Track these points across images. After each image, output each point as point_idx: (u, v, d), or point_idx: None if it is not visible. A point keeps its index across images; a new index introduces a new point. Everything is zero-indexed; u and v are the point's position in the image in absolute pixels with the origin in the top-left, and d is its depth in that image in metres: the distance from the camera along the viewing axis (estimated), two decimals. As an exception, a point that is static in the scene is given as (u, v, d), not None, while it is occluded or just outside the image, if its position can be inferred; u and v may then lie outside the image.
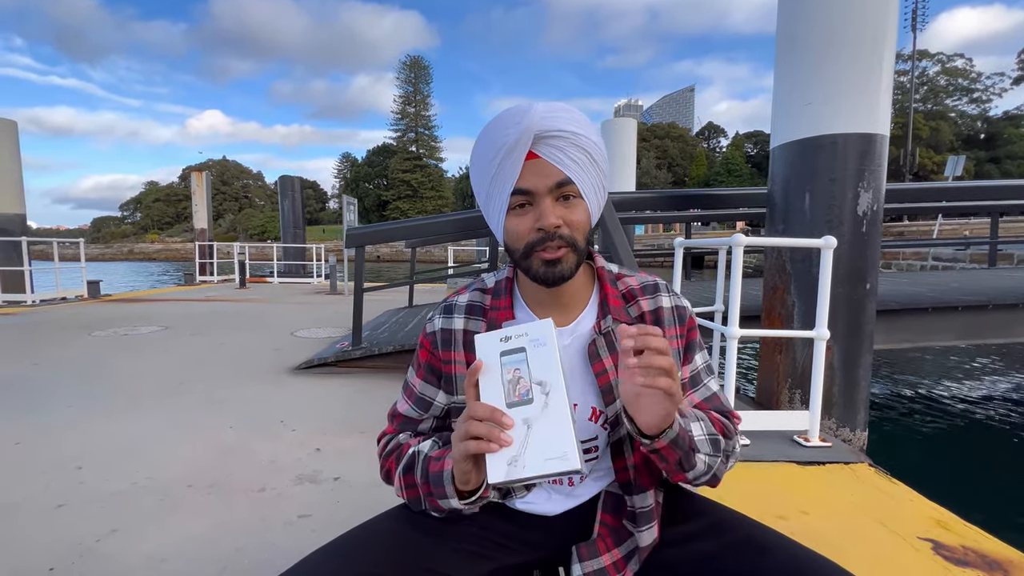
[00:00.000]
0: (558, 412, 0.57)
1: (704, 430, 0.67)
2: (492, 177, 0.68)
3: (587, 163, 0.67)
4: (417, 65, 73.42)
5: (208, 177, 13.73)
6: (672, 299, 0.76)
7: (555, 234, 0.66)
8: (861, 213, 2.34)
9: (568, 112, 0.67)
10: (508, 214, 0.68)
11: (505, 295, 0.76)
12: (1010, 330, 3.63)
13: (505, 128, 0.65)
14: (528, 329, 0.59)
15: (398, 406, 0.81)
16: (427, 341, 0.78)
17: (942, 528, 1.49)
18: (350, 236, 3.55)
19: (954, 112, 48.36)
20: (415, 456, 0.71)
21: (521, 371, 0.58)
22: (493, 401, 0.58)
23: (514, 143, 0.64)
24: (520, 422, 0.57)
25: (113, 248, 62.57)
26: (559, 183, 0.66)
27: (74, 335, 4.73)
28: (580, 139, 0.66)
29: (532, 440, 0.56)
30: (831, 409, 2.42)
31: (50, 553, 1.37)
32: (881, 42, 2.27)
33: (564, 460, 0.55)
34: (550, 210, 0.65)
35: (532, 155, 0.65)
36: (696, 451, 0.64)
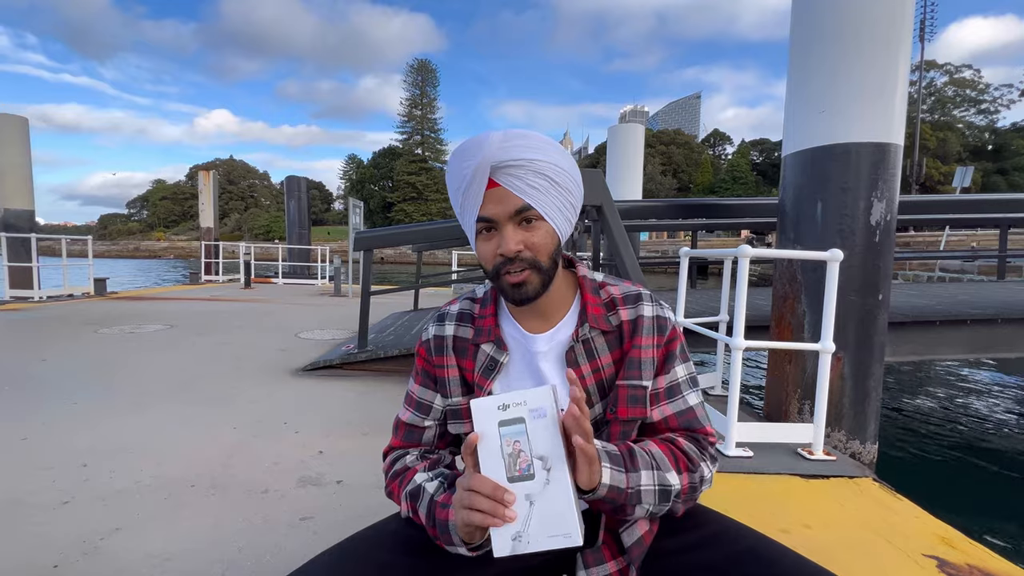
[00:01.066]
0: (560, 488, 0.57)
1: (655, 480, 0.67)
2: (460, 205, 0.72)
3: (548, 187, 0.69)
4: (424, 68, 73.85)
5: (215, 176, 13.83)
6: (654, 309, 0.77)
7: (516, 258, 0.69)
8: (874, 223, 2.32)
9: (524, 139, 0.69)
10: (477, 238, 0.72)
11: (490, 303, 0.80)
12: (1020, 344, 3.60)
13: (464, 162, 0.69)
14: (527, 397, 0.59)
15: (400, 416, 0.83)
16: (422, 349, 0.83)
17: (947, 546, 1.48)
18: (358, 239, 3.57)
19: (961, 123, 48.20)
20: (420, 492, 0.72)
21: (521, 444, 0.58)
22: (494, 474, 0.58)
23: (472, 175, 0.68)
24: (522, 497, 0.58)
25: (119, 245, 63.04)
26: (518, 210, 0.68)
27: (81, 332, 4.76)
28: (538, 164, 0.68)
29: (535, 517, 0.57)
30: (841, 421, 2.40)
31: (55, 549, 1.38)
32: (896, 51, 2.27)
33: (568, 538, 0.56)
34: (510, 236, 0.69)
35: (493, 184, 0.68)
36: (633, 504, 0.65)
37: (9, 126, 8.39)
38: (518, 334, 0.77)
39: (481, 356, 0.77)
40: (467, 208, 0.71)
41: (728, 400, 2.07)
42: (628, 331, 0.76)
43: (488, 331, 0.77)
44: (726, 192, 54.75)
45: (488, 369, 0.76)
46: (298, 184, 12.88)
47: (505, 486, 0.58)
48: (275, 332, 4.97)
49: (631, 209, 3.87)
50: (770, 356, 2.72)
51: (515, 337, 0.77)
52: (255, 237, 60.27)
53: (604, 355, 0.75)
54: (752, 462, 2.00)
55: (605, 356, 0.75)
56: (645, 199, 10.14)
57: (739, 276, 2.06)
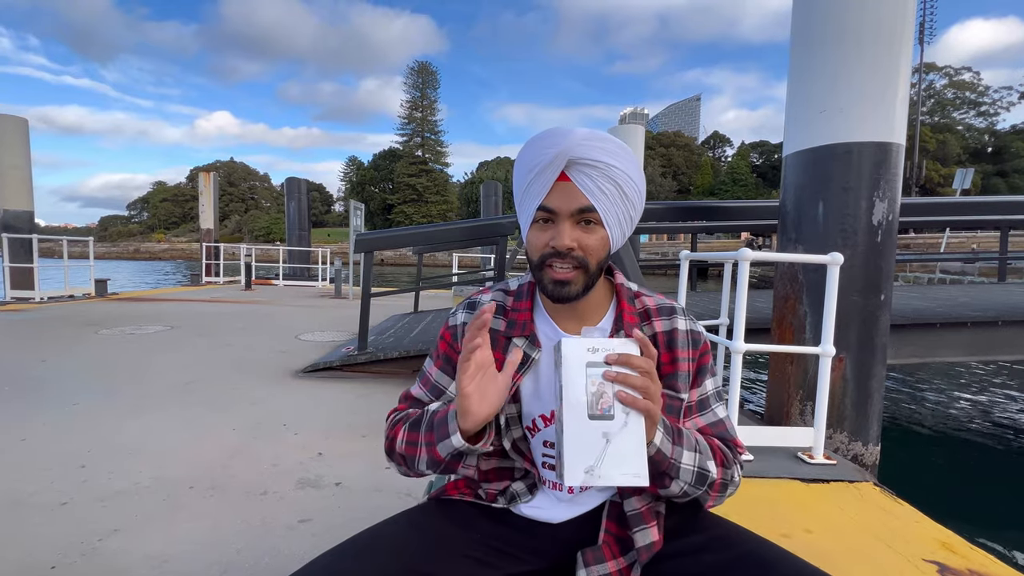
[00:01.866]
0: (636, 431, 0.60)
1: (695, 462, 0.69)
2: (524, 189, 0.73)
3: (615, 194, 0.70)
4: (425, 70, 74.01)
5: (216, 178, 13.85)
6: (688, 323, 0.79)
7: (567, 254, 0.69)
8: (876, 223, 2.31)
9: (606, 142, 0.69)
10: (532, 226, 0.73)
11: (527, 298, 0.80)
12: (1020, 347, 3.59)
13: (543, 148, 0.69)
14: (615, 345, 0.61)
15: (412, 390, 0.84)
16: (448, 334, 0.82)
17: (948, 551, 1.47)
18: (359, 242, 3.57)
19: (961, 125, 48.26)
20: (424, 414, 0.75)
21: (606, 386, 0.60)
22: (576, 409, 0.60)
23: (547, 164, 0.68)
24: (599, 434, 0.60)
25: (120, 247, 63.13)
26: (581, 209, 0.69)
27: (82, 333, 4.76)
28: (612, 170, 0.69)
29: (609, 453, 0.59)
30: (843, 423, 2.38)
31: (53, 551, 1.38)
32: (897, 50, 2.26)
33: (637, 477, 0.59)
34: (567, 232, 0.69)
35: (564, 177, 0.69)
36: (672, 476, 0.67)
37: (9, 127, 8.40)
38: (552, 333, 0.77)
39: (511, 350, 0.76)
40: (531, 194, 0.71)
41: (728, 404, 2.07)
42: (662, 343, 0.77)
43: (523, 325, 0.77)
44: (726, 194, 54.79)
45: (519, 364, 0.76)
46: (298, 186, 12.90)
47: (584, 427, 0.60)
48: (275, 334, 4.97)
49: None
50: (771, 358, 2.71)
51: (549, 336, 0.77)
52: (255, 239, 60.32)
53: None
54: (752, 466, 2.00)
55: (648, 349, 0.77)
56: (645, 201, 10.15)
57: (739, 279, 2.06)
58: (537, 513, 0.77)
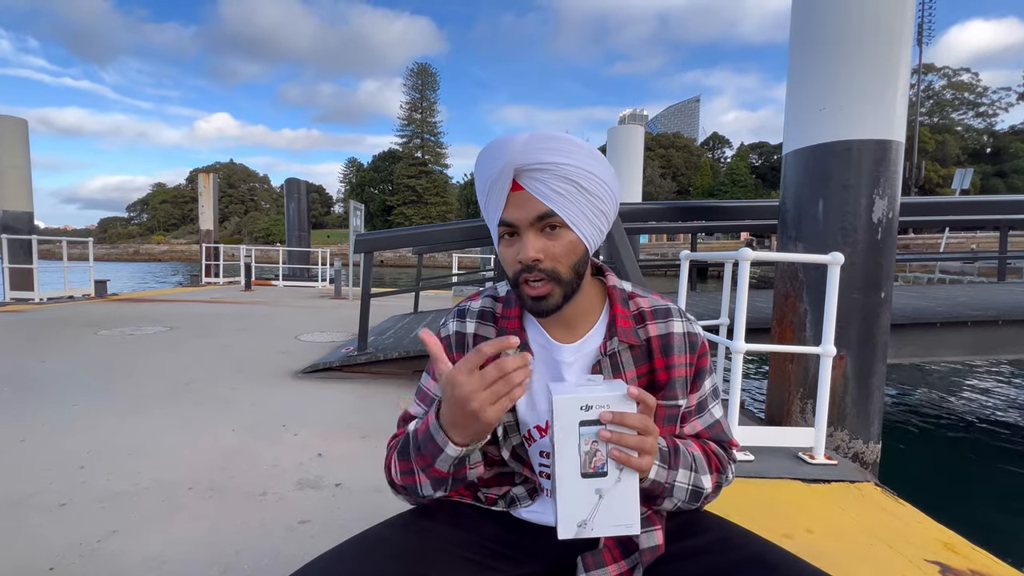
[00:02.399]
0: (629, 485, 0.61)
1: (690, 480, 0.69)
2: (484, 206, 0.71)
3: (574, 192, 0.66)
4: (424, 72, 74.07)
5: (215, 179, 13.85)
6: (685, 325, 0.77)
7: (534, 267, 0.67)
8: (876, 220, 2.31)
9: (551, 141, 0.65)
10: (500, 242, 0.71)
11: (515, 305, 0.77)
12: (1021, 346, 3.59)
13: (490, 162, 0.67)
14: (610, 401, 0.60)
15: (409, 409, 0.82)
16: (442, 344, 0.80)
17: (950, 551, 1.47)
18: (359, 242, 3.57)
19: (960, 126, 48.33)
20: (406, 437, 0.71)
21: (599, 444, 0.60)
22: (569, 467, 0.60)
23: (496, 177, 0.66)
24: (592, 491, 0.60)
25: (119, 248, 63.09)
26: (540, 216, 0.66)
27: (81, 334, 4.75)
28: (564, 169, 0.65)
29: (602, 508, 0.60)
30: (844, 420, 2.37)
31: (51, 552, 1.37)
32: (897, 48, 2.25)
33: (629, 528, 0.60)
34: (530, 243, 0.66)
35: (517, 187, 0.67)
36: (666, 497, 0.68)
37: (8, 128, 8.41)
38: (544, 340, 0.76)
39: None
40: (490, 210, 0.70)
41: (729, 404, 2.06)
42: (657, 347, 0.74)
43: (512, 334, 0.74)
44: (725, 195, 54.82)
45: None
46: (298, 187, 12.91)
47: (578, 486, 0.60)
48: (275, 334, 4.96)
49: (631, 211, 3.86)
50: (772, 356, 2.71)
51: (540, 343, 0.76)
52: (255, 240, 60.30)
53: (629, 369, 0.74)
54: (753, 466, 1.99)
55: (631, 371, 0.74)
56: (645, 201, 10.17)
57: (740, 279, 2.06)
58: (537, 517, 0.77)
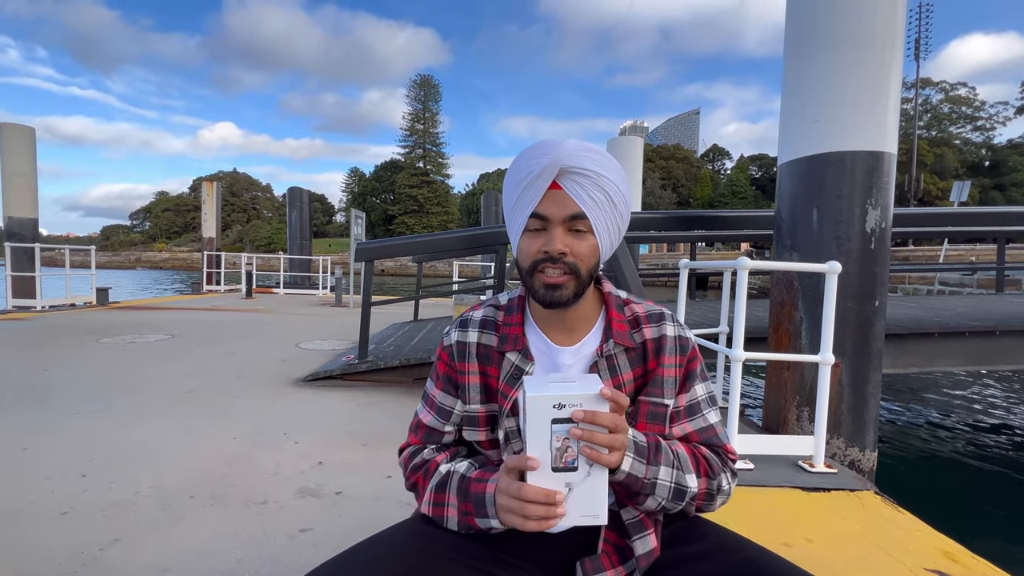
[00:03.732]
0: (599, 479, 0.62)
1: (672, 478, 0.70)
2: (517, 198, 0.74)
3: (605, 203, 0.72)
4: (427, 83, 74.80)
5: (219, 187, 13.92)
6: (676, 329, 0.80)
7: (559, 259, 0.71)
8: (869, 230, 2.34)
9: (596, 153, 0.72)
10: (524, 234, 0.74)
11: (517, 312, 0.81)
12: (1018, 357, 3.60)
13: (536, 157, 0.71)
14: (582, 399, 0.61)
15: (421, 417, 0.84)
16: (444, 354, 0.83)
17: (949, 560, 1.47)
18: (360, 251, 3.59)
19: (958, 139, 48.63)
20: (449, 476, 0.74)
21: (570, 441, 0.61)
22: (540, 461, 0.61)
23: (540, 172, 0.70)
24: (563, 485, 0.62)
25: (121, 256, 63.24)
26: (573, 215, 0.71)
27: (82, 341, 4.77)
28: (602, 180, 0.71)
29: (571, 500, 0.62)
30: (840, 428, 2.38)
31: (53, 561, 1.37)
32: (889, 60, 2.29)
33: (596, 518, 0.62)
34: (559, 237, 0.71)
35: (555, 186, 0.71)
36: (648, 495, 0.69)
37: (16, 135, 8.51)
38: (543, 345, 0.79)
39: (506, 364, 0.78)
40: (524, 202, 0.72)
41: (728, 412, 2.07)
42: (651, 349, 0.78)
43: (514, 339, 0.78)
44: (725, 206, 55.01)
45: (513, 378, 0.77)
46: (300, 196, 12.97)
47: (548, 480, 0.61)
48: (276, 342, 4.97)
49: (630, 221, 3.90)
50: (768, 364, 2.72)
51: (540, 348, 0.79)
52: (256, 248, 60.44)
53: (626, 371, 0.77)
54: (753, 474, 2.00)
55: (627, 372, 0.77)
56: (644, 211, 10.22)
57: (738, 288, 2.08)
58: None
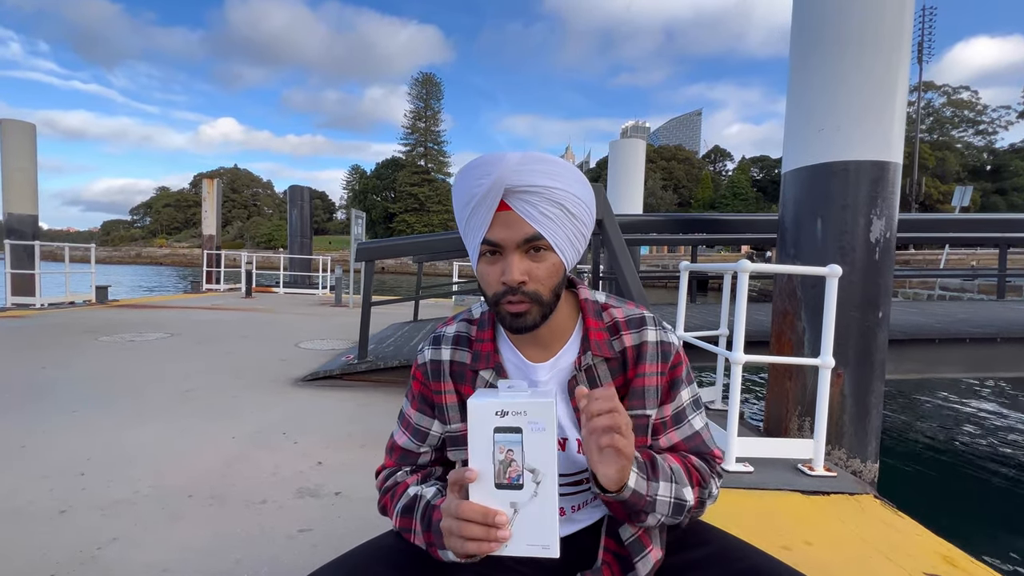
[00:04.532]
0: (546, 502, 0.57)
1: (672, 493, 0.67)
2: (465, 222, 0.69)
3: (561, 216, 0.66)
4: (429, 81, 74.74)
5: (219, 184, 13.92)
6: (658, 333, 0.75)
7: (518, 289, 0.66)
8: (874, 240, 2.33)
9: (543, 164, 0.65)
10: (480, 259, 0.69)
11: (488, 327, 0.77)
12: (1019, 364, 3.60)
13: (476, 179, 0.65)
14: (528, 407, 0.57)
15: (396, 439, 0.82)
16: (419, 373, 0.80)
17: (949, 564, 1.47)
18: (360, 251, 3.59)
19: (960, 143, 48.64)
20: (416, 500, 0.71)
21: (515, 453, 0.57)
22: (482, 479, 0.57)
23: (483, 195, 0.64)
24: (507, 504, 0.57)
25: (121, 251, 63.30)
26: (528, 238, 0.65)
27: (82, 340, 4.76)
28: (554, 192, 0.65)
29: (517, 525, 0.57)
30: (841, 439, 2.38)
31: (51, 560, 1.37)
32: (895, 69, 2.29)
33: (546, 549, 0.56)
34: (515, 266, 0.65)
35: (504, 206, 0.65)
36: (648, 512, 0.65)
37: (16, 131, 8.50)
38: (518, 361, 0.75)
39: (480, 383, 0.75)
40: (473, 227, 0.67)
41: (728, 415, 2.07)
42: (632, 357, 0.74)
43: (487, 357, 0.75)
44: (726, 208, 55.03)
45: None
46: (301, 193, 12.98)
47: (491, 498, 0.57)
48: (276, 342, 4.97)
49: (631, 223, 3.90)
50: (770, 373, 2.71)
51: (515, 364, 0.75)
52: (257, 245, 60.45)
53: (607, 381, 0.74)
54: (752, 477, 1.99)
55: (607, 383, 0.74)
56: (645, 213, 10.22)
57: (739, 290, 2.08)
58: None
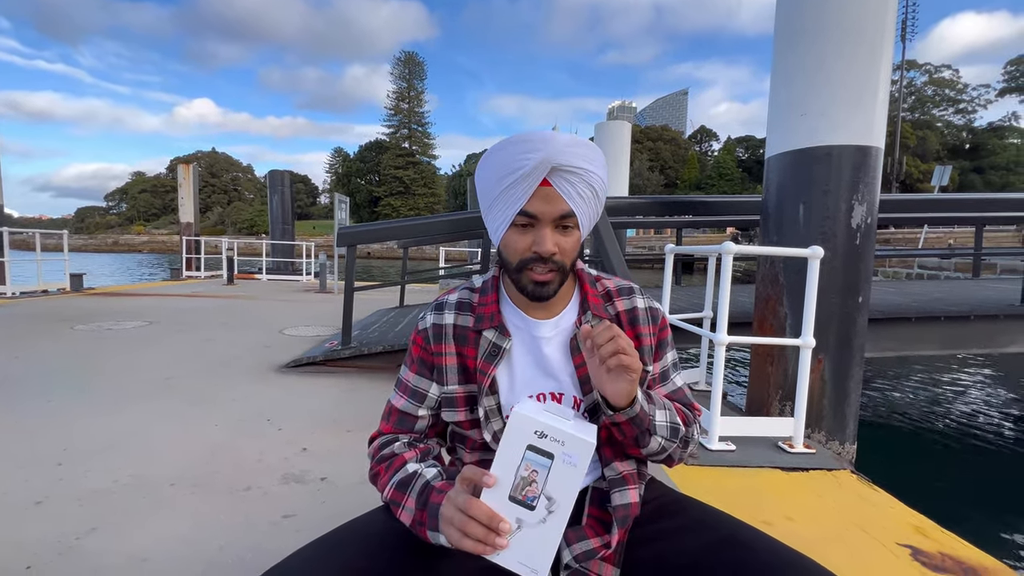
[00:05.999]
0: (552, 531, 0.58)
1: (667, 418, 0.75)
2: (501, 192, 0.72)
3: (591, 197, 0.73)
4: (412, 61, 73.11)
5: (196, 170, 13.51)
6: (645, 301, 0.84)
7: (548, 259, 0.71)
8: (855, 225, 2.35)
9: (586, 148, 0.71)
10: (510, 228, 0.73)
11: (492, 291, 0.81)
12: (991, 341, 3.70)
13: (524, 152, 0.69)
14: (568, 439, 0.58)
15: (394, 402, 0.83)
16: (419, 337, 0.83)
17: (921, 535, 1.52)
18: (342, 235, 3.53)
19: (941, 122, 49.32)
20: (414, 477, 0.72)
21: (539, 475, 0.58)
22: (499, 485, 0.58)
23: (531, 170, 0.68)
24: (512, 518, 0.58)
25: (97, 239, 61.58)
26: (563, 215, 0.71)
27: (56, 329, 4.64)
28: (591, 175, 0.71)
29: (516, 540, 0.58)
30: (821, 422, 2.43)
31: (27, 551, 1.35)
32: (878, 53, 2.29)
33: (534, 573, 0.57)
34: (548, 238, 0.71)
35: (545, 182, 0.70)
36: (652, 433, 0.72)
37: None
38: (520, 321, 0.79)
39: (483, 343, 0.77)
40: (510, 198, 0.70)
41: (711, 395, 2.10)
42: (625, 320, 0.81)
43: (491, 317, 0.78)
44: (712, 189, 55.34)
45: (491, 355, 0.77)
46: (281, 178, 12.66)
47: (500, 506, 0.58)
48: (259, 329, 4.90)
49: (617, 205, 3.88)
50: (752, 358, 2.75)
51: (517, 324, 0.79)
52: (238, 231, 59.26)
53: None
54: (734, 455, 2.03)
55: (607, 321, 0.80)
56: (631, 195, 10.21)
57: (723, 272, 2.09)
58: None
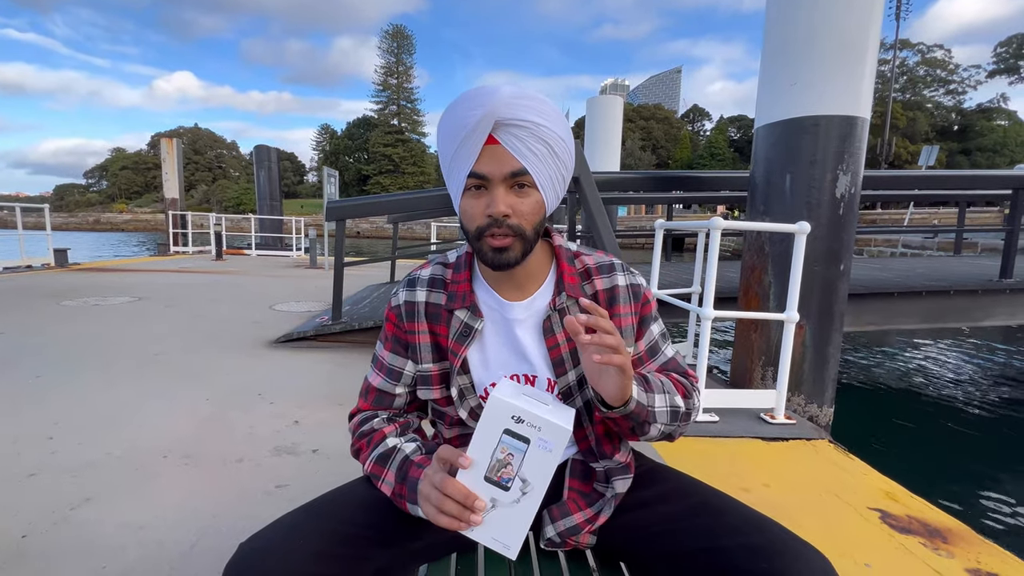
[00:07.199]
0: (525, 511, 0.59)
1: (667, 402, 0.72)
2: (452, 156, 0.69)
3: (547, 155, 0.67)
4: (400, 34, 70.99)
5: (179, 144, 13.17)
6: (627, 277, 0.79)
7: (503, 222, 0.67)
8: (839, 195, 2.38)
9: (534, 101, 0.66)
10: (464, 194, 0.69)
11: (465, 269, 0.78)
12: (969, 314, 3.81)
13: (468, 110, 0.65)
14: (544, 425, 0.58)
15: (371, 380, 0.82)
16: (392, 315, 0.81)
17: (890, 499, 1.59)
18: (330, 209, 3.49)
19: (931, 103, 49.32)
20: (393, 451, 0.73)
21: (514, 458, 0.59)
22: (474, 466, 0.59)
23: (474, 127, 0.64)
24: (488, 498, 0.59)
25: (78, 217, 60.02)
26: (514, 172, 0.66)
27: (42, 304, 4.58)
28: (542, 130, 0.66)
29: (490, 517, 0.59)
30: (800, 386, 2.50)
31: (22, 521, 1.36)
32: (867, 25, 2.28)
33: (507, 549, 0.59)
34: (501, 198, 0.66)
35: (492, 140, 0.65)
36: (651, 423, 0.70)
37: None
38: (493, 301, 0.77)
39: (455, 322, 0.76)
40: (460, 160, 0.68)
41: (697, 368, 2.14)
42: (604, 300, 0.77)
43: (462, 296, 0.76)
44: (704, 168, 55.15)
45: (462, 336, 0.75)
46: (268, 154, 12.40)
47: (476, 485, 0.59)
48: (249, 304, 4.87)
49: (607, 180, 3.87)
50: (737, 326, 2.81)
51: (490, 304, 0.77)
52: (225, 209, 58.14)
53: None
54: (718, 426, 2.09)
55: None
56: (622, 171, 10.15)
57: (710, 248, 2.11)
58: None
